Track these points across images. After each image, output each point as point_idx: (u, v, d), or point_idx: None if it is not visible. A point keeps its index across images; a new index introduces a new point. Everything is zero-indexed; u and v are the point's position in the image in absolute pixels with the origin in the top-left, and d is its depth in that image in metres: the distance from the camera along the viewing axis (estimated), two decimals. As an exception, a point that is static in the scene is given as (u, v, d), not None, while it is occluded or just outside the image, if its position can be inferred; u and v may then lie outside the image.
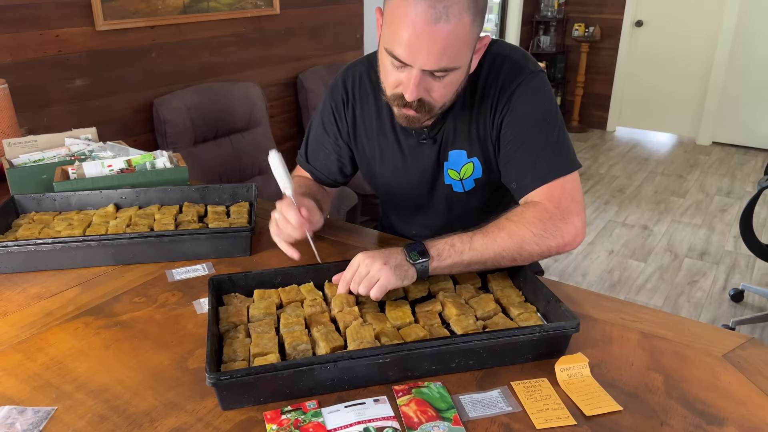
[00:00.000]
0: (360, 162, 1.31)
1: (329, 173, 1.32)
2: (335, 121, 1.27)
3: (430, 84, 1.01)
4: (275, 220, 1.13)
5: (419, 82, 0.99)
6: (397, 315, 0.96)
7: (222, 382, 0.76)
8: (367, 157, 1.28)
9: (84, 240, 1.15)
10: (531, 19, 5.58)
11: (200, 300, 1.06)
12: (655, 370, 0.87)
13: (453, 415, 0.77)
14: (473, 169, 1.20)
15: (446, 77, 1.00)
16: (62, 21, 2.09)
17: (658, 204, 3.95)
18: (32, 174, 1.47)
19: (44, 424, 0.77)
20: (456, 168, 1.21)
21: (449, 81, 1.02)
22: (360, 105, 1.24)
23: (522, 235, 1.02)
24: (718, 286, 2.94)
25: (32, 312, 1.02)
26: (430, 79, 1.00)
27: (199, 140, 2.55)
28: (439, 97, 1.04)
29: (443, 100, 1.05)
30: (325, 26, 3.22)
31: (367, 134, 1.25)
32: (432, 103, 1.04)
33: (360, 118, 1.25)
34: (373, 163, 1.28)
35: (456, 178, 1.22)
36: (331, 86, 1.28)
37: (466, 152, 1.19)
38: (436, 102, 1.04)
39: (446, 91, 1.03)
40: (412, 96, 1.00)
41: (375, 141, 1.25)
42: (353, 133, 1.27)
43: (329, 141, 1.29)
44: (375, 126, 1.24)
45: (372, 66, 1.21)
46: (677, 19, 5.09)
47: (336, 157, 1.30)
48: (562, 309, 0.90)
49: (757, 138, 5.01)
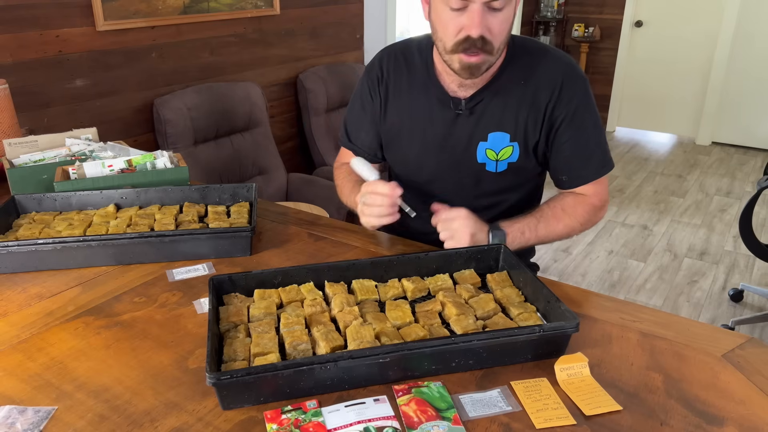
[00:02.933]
0: (386, 138, 1.36)
1: (370, 149, 1.39)
2: (372, 98, 1.35)
3: (489, 20, 1.09)
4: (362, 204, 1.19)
5: (482, 17, 1.07)
6: (397, 315, 0.96)
7: (222, 382, 0.76)
8: (394, 132, 1.33)
9: (84, 240, 1.15)
10: (531, 20, 5.58)
11: (200, 300, 1.06)
12: (655, 369, 0.87)
13: (453, 414, 0.77)
14: (511, 153, 1.25)
15: (503, 10, 1.09)
16: (63, 21, 2.09)
17: (657, 204, 3.95)
18: (33, 174, 1.47)
19: (44, 424, 0.77)
20: (495, 149, 1.25)
21: (505, 16, 1.10)
22: (393, 80, 1.31)
23: (572, 226, 1.24)
24: (717, 286, 2.94)
25: (33, 312, 1.03)
26: (489, 16, 1.08)
27: (199, 140, 2.55)
28: (498, 34, 1.11)
29: (501, 39, 1.12)
30: (325, 26, 3.22)
31: (398, 108, 1.32)
32: (492, 42, 1.11)
33: (392, 93, 1.32)
34: (401, 137, 1.33)
35: (492, 159, 1.26)
36: (368, 66, 1.37)
37: (509, 135, 1.24)
38: (495, 40, 1.11)
39: (503, 27, 1.11)
40: (478, 30, 1.08)
41: (407, 115, 1.31)
42: (384, 108, 1.33)
43: (367, 119, 1.37)
44: (407, 100, 1.30)
45: (407, 45, 1.32)
46: (677, 20, 5.09)
47: (375, 133, 1.37)
48: (562, 309, 0.90)
49: (757, 138, 5.01)
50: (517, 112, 1.22)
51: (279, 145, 2.96)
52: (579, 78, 1.23)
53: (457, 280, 1.08)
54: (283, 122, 3.11)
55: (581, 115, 1.22)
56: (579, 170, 1.26)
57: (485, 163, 1.27)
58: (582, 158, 1.25)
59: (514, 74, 1.22)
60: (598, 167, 1.26)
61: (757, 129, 4.98)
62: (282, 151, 2.98)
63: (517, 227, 1.19)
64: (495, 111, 1.23)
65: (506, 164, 1.27)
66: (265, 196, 2.68)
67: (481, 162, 1.27)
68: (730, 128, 5.12)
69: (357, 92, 1.39)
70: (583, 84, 1.23)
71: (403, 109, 1.31)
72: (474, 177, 1.29)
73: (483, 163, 1.27)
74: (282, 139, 3.08)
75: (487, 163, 1.27)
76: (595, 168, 1.25)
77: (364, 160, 1.25)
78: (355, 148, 1.40)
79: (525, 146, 1.25)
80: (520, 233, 1.18)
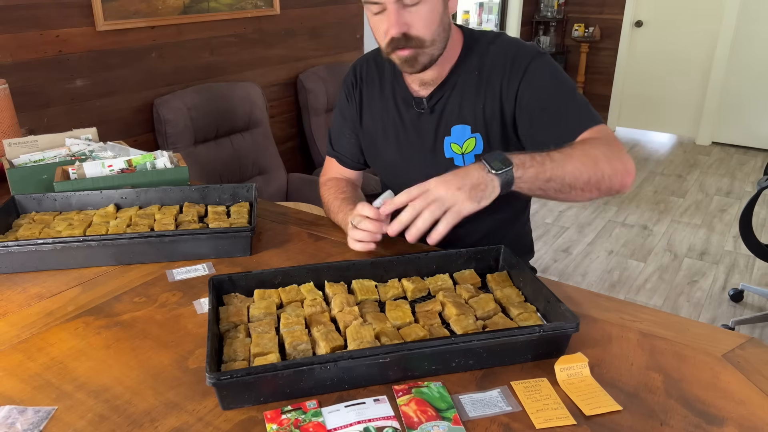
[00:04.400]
0: (365, 142, 1.38)
1: (353, 156, 1.42)
2: (348, 105, 1.38)
3: (407, 17, 1.10)
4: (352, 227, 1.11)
5: (397, 16, 1.08)
6: (397, 315, 0.96)
7: (222, 382, 0.76)
8: (371, 136, 1.36)
9: (84, 240, 1.15)
10: (531, 20, 5.58)
11: (200, 300, 1.06)
12: (655, 370, 0.87)
13: (453, 414, 0.77)
14: (475, 144, 1.24)
15: (420, 5, 1.09)
16: (62, 21, 2.09)
17: (657, 204, 3.95)
18: (32, 174, 1.47)
19: (44, 424, 0.77)
20: (459, 142, 1.25)
21: (425, 10, 1.10)
22: (366, 85, 1.35)
23: (594, 154, 1.02)
24: (717, 286, 2.94)
25: (32, 312, 1.03)
26: (405, 12, 1.09)
27: (199, 140, 2.55)
28: (422, 29, 1.11)
29: (429, 32, 1.12)
30: (325, 26, 3.22)
31: (372, 113, 1.34)
32: (419, 36, 1.11)
33: (366, 98, 1.35)
34: (377, 141, 1.35)
35: (458, 152, 1.26)
36: (345, 74, 1.40)
37: (470, 127, 1.24)
38: (421, 34, 1.11)
39: (427, 22, 1.11)
40: (395, 30, 1.09)
41: (379, 118, 1.33)
42: (359, 114, 1.36)
43: (348, 126, 1.39)
44: (379, 104, 1.33)
45: (379, 52, 1.30)
46: (677, 20, 5.09)
47: (356, 140, 1.40)
48: (562, 309, 0.90)
49: (757, 138, 5.01)
50: (474, 102, 1.22)
51: (279, 145, 2.96)
52: (529, 49, 1.19)
53: (457, 280, 1.08)
54: (283, 122, 3.11)
55: (540, 84, 1.14)
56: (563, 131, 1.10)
57: (452, 158, 1.26)
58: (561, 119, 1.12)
59: (467, 66, 1.23)
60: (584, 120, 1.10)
61: (757, 129, 4.98)
62: (282, 151, 2.98)
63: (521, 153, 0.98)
64: (454, 105, 1.24)
65: (473, 157, 1.25)
66: (265, 196, 2.68)
67: (448, 157, 1.27)
68: (730, 128, 5.11)
69: (337, 101, 1.43)
70: (534, 52, 1.17)
71: (376, 114, 1.34)
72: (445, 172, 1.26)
73: (450, 158, 1.27)
74: (282, 139, 3.08)
75: (455, 158, 1.26)
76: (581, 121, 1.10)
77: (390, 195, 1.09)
78: (339, 156, 1.43)
79: (487, 136, 1.23)
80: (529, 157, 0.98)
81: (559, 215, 3.78)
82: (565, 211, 3.83)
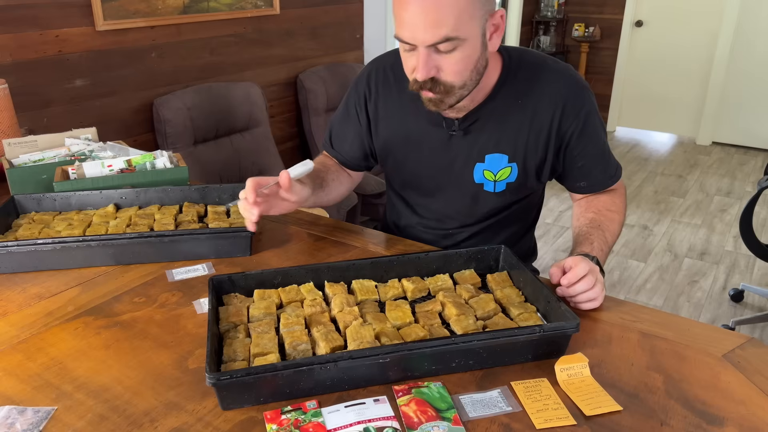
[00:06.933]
0: (381, 154, 1.34)
1: (354, 159, 1.37)
2: (357, 114, 1.32)
3: (438, 61, 1.02)
4: None
5: (426, 60, 1.01)
6: (397, 315, 0.96)
7: (222, 382, 0.76)
8: (387, 149, 1.31)
9: (84, 240, 1.15)
10: (531, 19, 5.58)
11: (200, 300, 1.06)
12: (655, 370, 0.87)
13: (453, 415, 0.77)
14: (510, 173, 1.23)
15: (454, 52, 1.01)
16: (62, 21, 2.09)
17: (658, 204, 3.95)
18: (32, 174, 1.47)
19: (44, 424, 0.77)
20: (493, 170, 1.22)
21: (459, 57, 1.02)
22: (383, 98, 1.27)
23: (621, 221, 1.25)
24: (718, 286, 2.94)
25: (32, 312, 1.02)
26: (437, 56, 1.02)
27: (199, 140, 2.55)
28: (452, 75, 1.03)
29: (459, 78, 1.05)
30: (325, 26, 3.22)
31: (389, 127, 1.28)
32: (447, 82, 1.04)
33: (382, 111, 1.28)
34: (395, 152, 1.30)
35: (490, 179, 1.24)
36: (356, 79, 1.33)
37: (507, 157, 1.21)
38: (450, 80, 1.04)
39: (459, 67, 1.03)
40: (422, 75, 1.02)
41: (398, 133, 1.27)
42: (375, 127, 1.30)
43: (353, 131, 1.34)
44: (397, 118, 1.26)
45: (397, 59, 1.22)
46: (677, 19, 5.09)
47: (359, 145, 1.35)
48: (562, 309, 0.90)
49: (757, 138, 5.01)
50: (516, 132, 1.18)
51: (279, 145, 2.95)
52: (582, 89, 1.18)
53: (457, 281, 1.08)
54: (283, 122, 3.11)
55: (592, 125, 1.19)
56: (598, 176, 1.25)
57: (483, 183, 1.24)
58: (599, 165, 1.24)
59: (510, 92, 1.16)
60: (616, 169, 1.28)
61: (757, 129, 4.98)
62: (282, 151, 2.98)
63: (597, 247, 1.11)
64: (492, 132, 1.19)
65: (504, 184, 1.24)
66: (265, 196, 2.67)
67: (478, 182, 1.24)
68: (730, 128, 5.11)
69: (345, 101, 1.35)
70: (587, 94, 1.19)
71: (396, 127, 1.27)
72: (471, 196, 1.27)
73: (480, 183, 1.24)
74: (282, 139, 3.07)
75: (485, 184, 1.24)
76: (614, 170, 1.27)
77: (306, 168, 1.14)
78: (338, 155, 1.38)
79: (524, 167, 1.22)
80: (604, 253, 1.13)
81: (559, 215, 3.78)
82: (566, 211, 3.83)
